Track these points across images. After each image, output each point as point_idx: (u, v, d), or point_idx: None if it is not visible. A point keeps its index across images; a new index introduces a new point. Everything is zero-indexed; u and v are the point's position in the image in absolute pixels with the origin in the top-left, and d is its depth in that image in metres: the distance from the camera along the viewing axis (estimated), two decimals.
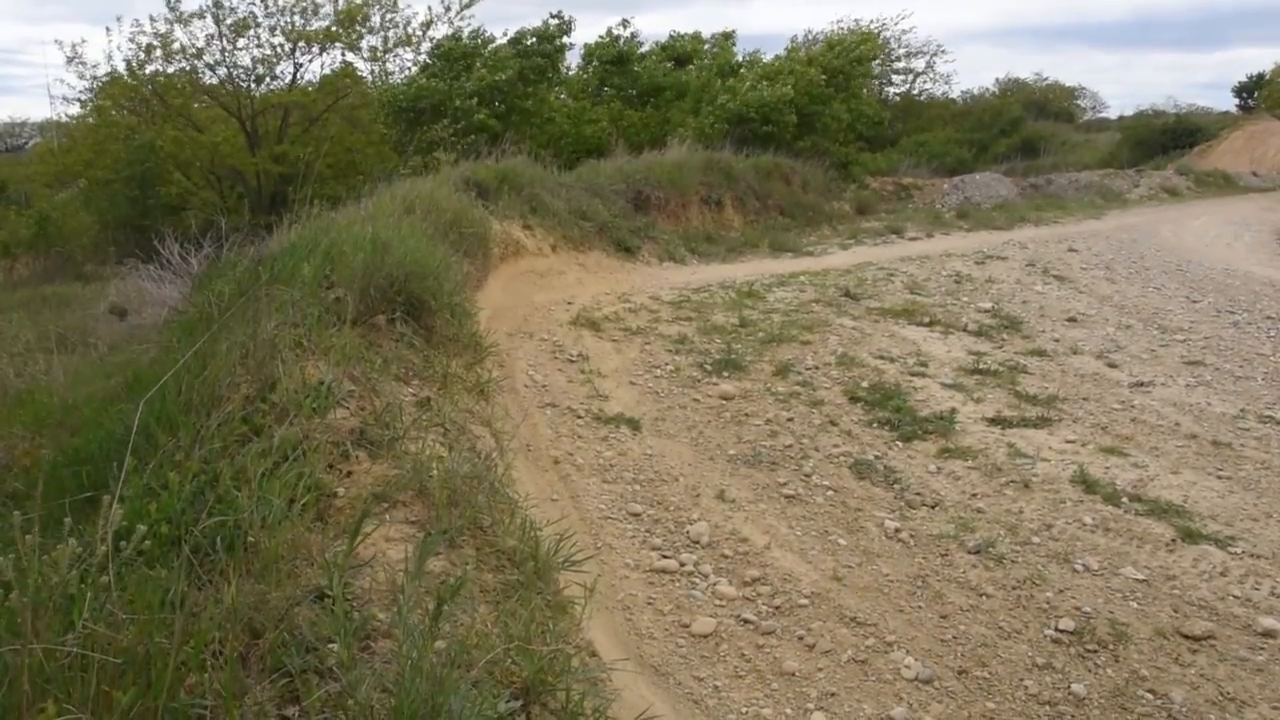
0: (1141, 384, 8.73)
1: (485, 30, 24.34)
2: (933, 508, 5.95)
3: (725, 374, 8.23)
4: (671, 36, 27.33)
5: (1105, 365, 9.35)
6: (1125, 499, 6.14)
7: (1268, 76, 47.05)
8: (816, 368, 8.61)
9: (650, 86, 25.55)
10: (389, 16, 25.21)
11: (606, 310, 10.34)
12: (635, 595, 4.80)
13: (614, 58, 25.50)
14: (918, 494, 6.12)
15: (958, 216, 21.41)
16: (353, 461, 4.00)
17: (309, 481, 3.44)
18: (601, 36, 26.01)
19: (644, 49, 26.52)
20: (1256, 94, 48.34)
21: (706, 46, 27.66)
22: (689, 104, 24.42)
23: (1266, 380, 8.97)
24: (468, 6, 24.93)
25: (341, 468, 3.92)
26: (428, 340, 6.30)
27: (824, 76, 23.13)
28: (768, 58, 25.57)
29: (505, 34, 24.57)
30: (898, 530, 5.60)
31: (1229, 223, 21.46)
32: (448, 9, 24.90)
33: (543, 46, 23.61)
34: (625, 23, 26.25)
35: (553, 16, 23.85)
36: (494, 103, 22.02)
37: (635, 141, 20.87)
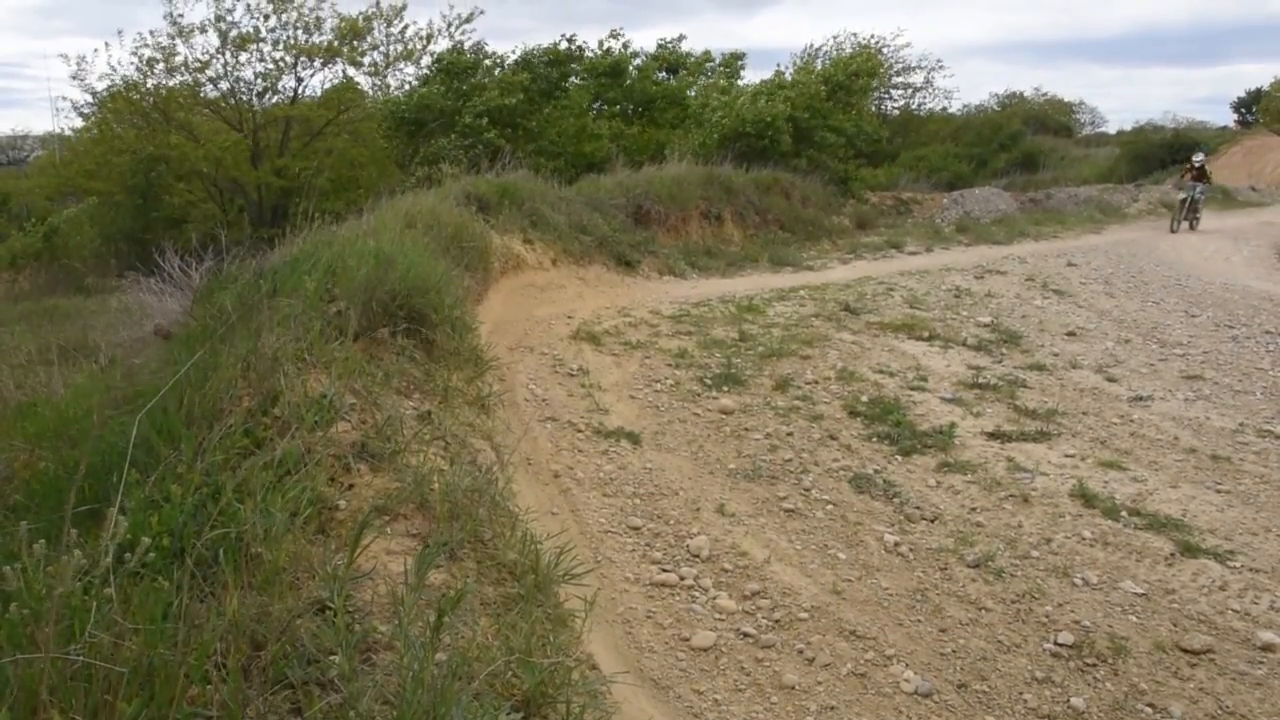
0: (1140, 398, 8.75)
1: (487, 45, 24.40)
2: (932, 521, 5.96)
3: (725, 388, 8.25)
4: (660, 45, 27.38)
5: (1104, 379, 9.36)
6: (1124, 513, 6.15)
7: (1266, 91, 47.14)
8: (816, 382, 8.63)
9: (644, 97, 25.62)
10: (390, 31, 25.32)
11: (607, 324, 10.37)
12: (635, 608, 4.81)
13: (608, 69, 25.55)
14: (917, 508, 6.13)
15: (957, 231, 21.47)
16: (354, 474, 4.02)
17: (311, 494, 3.45)
18: (593, 51, 26.06)
19: (637, 61, 26.60)
20: (1254, 109, 48.49)
21: (711, 65, 27.74)
22: (690, 119, 24.48)
23: (1265, 394, 8.98)
24: (467, 21, 25.05)
25: (343, 480, 3.93)
26: (429, 354, 6.33)
27: (824, 89, 23.17)
28: (768, 75, 25.72)
29: (514, 51, 24.68)
30: (897, 544, 5.61)
31: (1227, 237, 21.50)
32: (449, 24, 25.02)
33: (550, 72, 23.68)
34: (615, 34, 26.31)
35: (565, 39, 23.95)
36: (502, 123, 22.08)
37: (635, 158, 20.92)
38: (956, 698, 4.24)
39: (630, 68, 26.04)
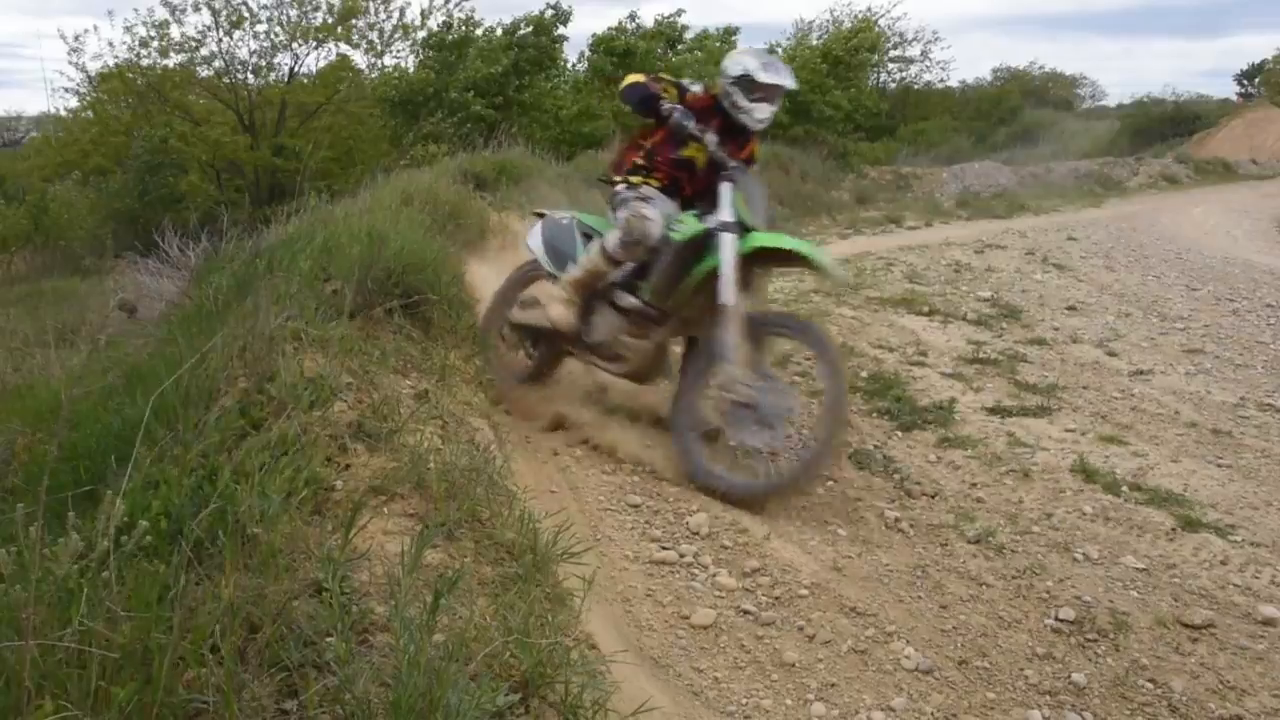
0: (1141, 372, 8.73)
1: (478, 18, 24.30)
2: (932, 497, 5.94)
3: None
4: (658, 21, 27.17)
5: (1105, 354, 9.34)
6: (1125, 488, 6.14)
7: (1268, 64, 46.94)
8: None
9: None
10: (384, 9, 25.21)
11: None
12: (634, 587, 4.79)
13: (622, 52, 25.36)
14: (917, 483, 6.11)
15: (957, 205, 21.40)
16: (351, 454, 4.01)
17: (307, 475, 3.44)
18: (611, 29, 25.86)
19: (642, 39, 26.42)
20: (1256, 81, 48.31)
21: (708, 40, 27.58)
22: None
23: (1266, 368, 8.97)
24: None
25: (340, 461, 3.92)
26: (426, 332, 6.31)
27: (824, 65, 23.09)
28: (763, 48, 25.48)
29: (499, 23, 24.56)
30: (897, 520, 5.59)
31: (1228, 210, 21.43)
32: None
33: (538, 39, 23.53)
34: (633, 16, 26.17)
35: (549, 7, 23.79)
36: (489, 94, 21.95)
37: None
38: (957, 674, 4.23)
39: (634, 47, 25.85)
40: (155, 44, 23.50)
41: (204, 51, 23.77)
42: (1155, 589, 4.95)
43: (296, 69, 24.93)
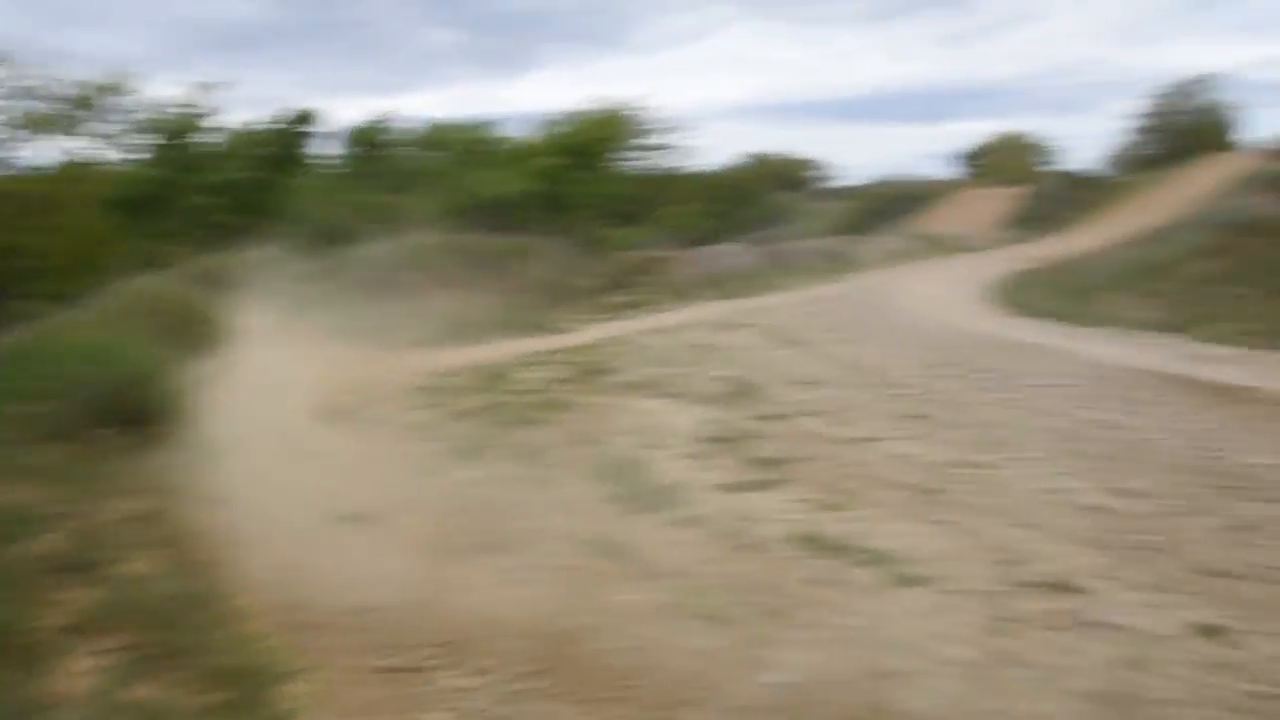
0: (866, 439, 9.32)
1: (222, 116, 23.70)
2: (663, 578, 6.14)
3: (468, 459, 8.29)
4: (433, 127, 27.39)
5: (834, 424, 9.91)
6: (843, 551, 6.53)
7: (975, 151, 51.73)
8: (559, 447, 8.80)
9: (405, 173, 25.57)
10: (120, 102, 24.30)
11: (348, 401, 10.24)
12: (366, 696, 4.78)
13: (370, 143, 25.35)
14: (651, 564, 6.32)
15: (704, 287, 22.25)
16: (62, 589, 3.90)
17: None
18: (366, 124, 25.85)
19: (399, 134, 26.50)
20: (974, 162, 52.84)
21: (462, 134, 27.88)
22: (440, 188, 24.50)
23: (976, 427, 9.72)
24: (209, 90, 24.34)
25: (46, 598, 3.81)
26: (154, 448, 6.15)
27: (568, 159, 23.71)
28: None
29: (244, 124, 24.13)
30: (629, 603, 5.77)
31: (945, 281, 23.14)
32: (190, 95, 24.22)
33: (283, 139, 23.27)
34: (382, 117, 26.25)
35: (293, 112, 23.62)
36: (232, 195, 21.47)
37: (382, 226, 20.74)
38: None
39: (392, 142, 25.89)
40: None
41: None
42: (865, 644, 5.29)
43: (29, 161, 23.66)
